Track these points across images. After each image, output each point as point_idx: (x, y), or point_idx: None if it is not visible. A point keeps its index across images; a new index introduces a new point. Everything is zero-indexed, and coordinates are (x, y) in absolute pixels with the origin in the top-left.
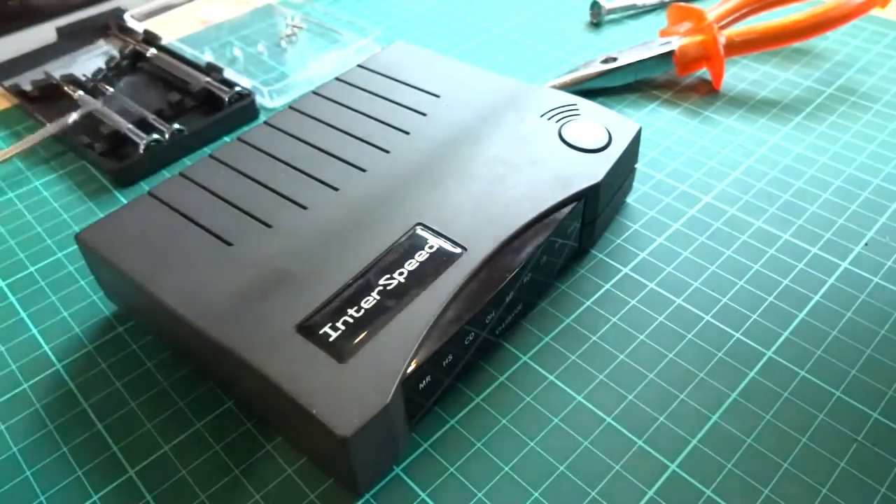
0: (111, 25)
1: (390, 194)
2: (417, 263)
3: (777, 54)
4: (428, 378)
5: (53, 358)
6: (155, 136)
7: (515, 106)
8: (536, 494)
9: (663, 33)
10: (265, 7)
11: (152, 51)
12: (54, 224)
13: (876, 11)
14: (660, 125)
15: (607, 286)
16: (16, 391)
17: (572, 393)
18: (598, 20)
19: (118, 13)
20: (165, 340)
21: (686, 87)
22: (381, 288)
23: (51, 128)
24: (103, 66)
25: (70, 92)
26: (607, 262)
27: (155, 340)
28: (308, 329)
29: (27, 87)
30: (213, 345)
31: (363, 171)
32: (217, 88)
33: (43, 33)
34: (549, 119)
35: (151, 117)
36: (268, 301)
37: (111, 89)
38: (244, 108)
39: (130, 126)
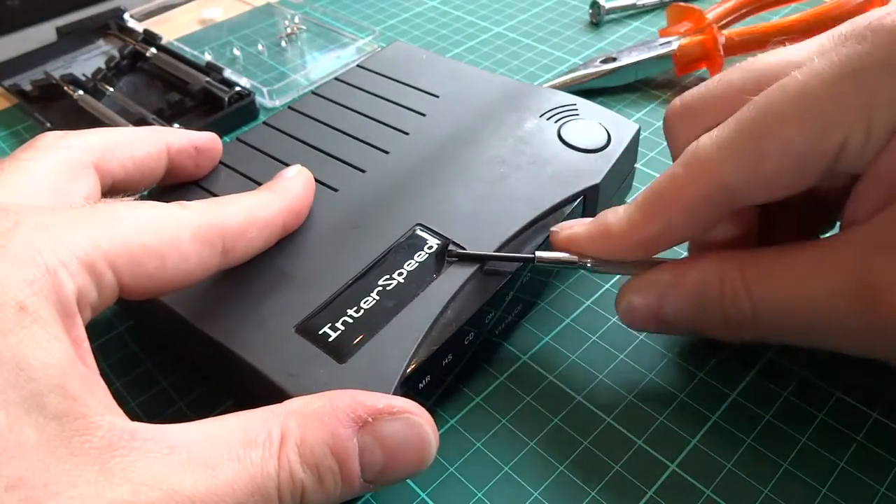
0: (111, 25)
1: (390, 195)
2: (417, 264)
3: None
4: (427, 378)
5: None
6: None
7: (515, 106)
8: (536, 494)
9: (663, 33)
10: (265, 7)
11: (152, 51)
12: None
13: None
14: (659, 125)
15: (607, 286)
16: None
17: (572, 393)
18: (597, 20)
19: (118, 13)
20: (165, 340)
21: (686, 86)
22: (380, 288)
23: None
24: (103, 66)
25: (70, 92)
26: None
27: (155, 340)
28: (308, 329)
29: (27, 87)
30: (213, 345)
31: (363, 171)
32: (217, 88)
33: (43, 33)
34: (548, 119)
35: (151, 117)
36: (267, 301)
37: (111, 89)
38: (244, 108)
39: (130, 126)
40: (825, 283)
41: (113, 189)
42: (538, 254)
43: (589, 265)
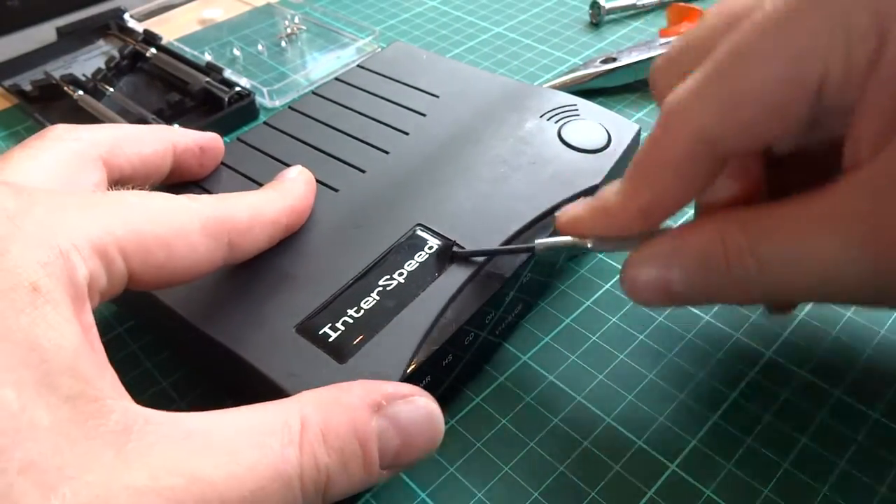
0: (111, 25)
1: (390, 195)
2: (417, 264)
3: None
4: (427, 378)
5: None
6: None
7: (515, 106)
8: (536, 494)
9: (663, 33)
10: (265, 7)
11: (152, 51)
12: None
13: None
14: None
15: (607, 286)
16: None
17: (572, 393)
18: (597, 20)
19: (118, 13)
20: (165, 340)
21: None
22: (380, 288)
23: None
24: (103, 66)
25: (70, 92)
26: (607, 261)
27: (155, 340)
28: (308, 329)
29: (27, 87)
30: (213, 345)
31: (363, 171)
32: (217, 88)
33: (43, 33)
34: (548, 119)
35: (151, 117)
36: (267, 301)
37: (111, 89)
38: (244, 108)
39: None
40: (832, 232)
41: (119, 184)
42: (538, 242)
43: (589, 245)
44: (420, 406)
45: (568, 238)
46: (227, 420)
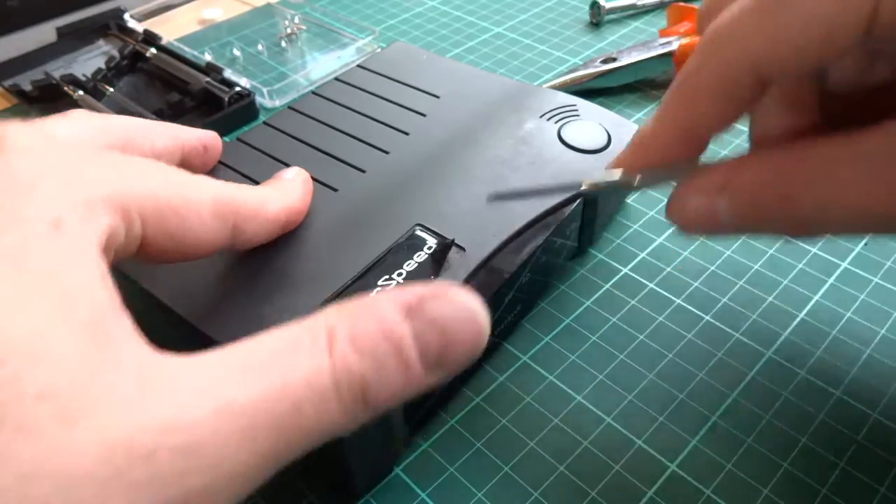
0: (111, 25)
1: (389, 195)
2: (416, 264)
3: None
4: None
5: None
6: None
7: (515, 106)
8: (536, 494)
9: (663, 33)
10: (265, 7)
11: (152, 51)
12: None
13: None
14: None
15: (607, 286)
16: None
17: (572, 393)
18: (597, 20)
19: (118, 13)
20: (162, 340)
21: None
22: (379, 289)
23: None
24: (103, 66)
25: (70, 92)
26: (607, 262)
27: (152, 340)
28: None
29: (27, 87)
30: (211, 344)
31: (362, 171)
32: (217, 88)
33: (43, 33)
34: (548, 120)
35: (151, 117)
36: (266, 301)
37: (111, 89)
38: (244, 108)
39: None
40: (887, 172)
41: None
42: (584, 180)
43: (637, 181)
44: (458, 302)
45: (614, 173)
46: (251, 345)
